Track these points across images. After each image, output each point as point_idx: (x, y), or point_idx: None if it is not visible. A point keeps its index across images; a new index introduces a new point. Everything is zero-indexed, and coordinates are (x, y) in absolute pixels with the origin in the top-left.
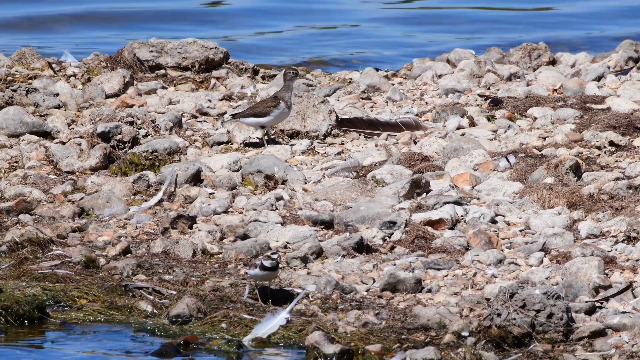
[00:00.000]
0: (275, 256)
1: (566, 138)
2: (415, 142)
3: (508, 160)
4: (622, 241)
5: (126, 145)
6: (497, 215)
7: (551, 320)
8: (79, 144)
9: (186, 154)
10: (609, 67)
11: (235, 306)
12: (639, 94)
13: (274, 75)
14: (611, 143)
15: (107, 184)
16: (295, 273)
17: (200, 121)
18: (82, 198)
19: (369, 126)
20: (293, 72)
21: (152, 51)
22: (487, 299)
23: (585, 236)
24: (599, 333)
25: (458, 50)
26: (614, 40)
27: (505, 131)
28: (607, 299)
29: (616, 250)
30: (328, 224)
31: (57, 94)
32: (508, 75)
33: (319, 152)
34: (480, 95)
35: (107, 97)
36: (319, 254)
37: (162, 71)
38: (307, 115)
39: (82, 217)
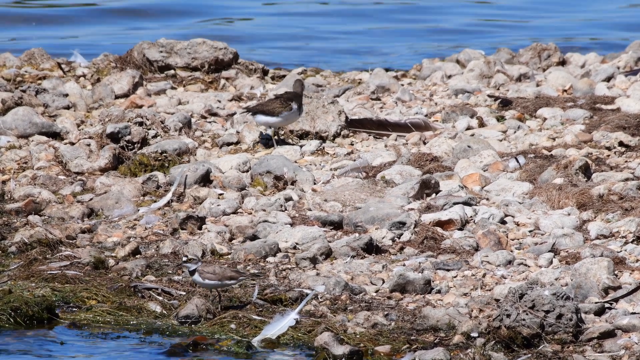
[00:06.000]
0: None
1: (576, 139)
2: (424, 143)
3: (517, 161)
4: (632, 242)
5: (135, 146)
6: (506, 215)
7: (560, 321)
8: (89, 145)
9: (195, 154)
10: (618, 68)
11: (245, 307)
12: None
13: (284, 76)
14: (621, 144)
15: (116, 184)
16: (305, 274)
17: (210, 122)
18: (91, 199)
19: (378, 127)
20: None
21: (161, 51)
22: (497, 300)
23: (594, 237)
24: (609, 334)
25: (468, 51)
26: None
27: (515, 132)
28: (616, 300)
29: (626, 250)
30: (337, 225)
31: (67, 95)
32: (518, 76)
33: (328, 153)
34: (489, 96)
35: (117, 97)
36: (328, 254)
37: (172, 71)
38: (316, 115)
39: (91, 218)
